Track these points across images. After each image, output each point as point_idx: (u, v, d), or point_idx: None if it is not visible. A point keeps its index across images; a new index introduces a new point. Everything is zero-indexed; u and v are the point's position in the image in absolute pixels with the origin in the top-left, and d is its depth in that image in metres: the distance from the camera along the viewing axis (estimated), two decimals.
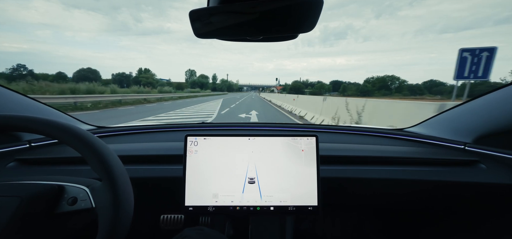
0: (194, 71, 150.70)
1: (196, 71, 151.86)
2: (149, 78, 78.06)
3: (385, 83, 76.21)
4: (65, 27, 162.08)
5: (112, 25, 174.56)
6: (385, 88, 74.48)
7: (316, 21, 0.46)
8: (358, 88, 76.22)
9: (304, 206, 0.72)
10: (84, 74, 70.80)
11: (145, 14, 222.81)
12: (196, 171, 0.72)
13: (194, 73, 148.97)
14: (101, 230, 0.42)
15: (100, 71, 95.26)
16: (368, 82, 78.64)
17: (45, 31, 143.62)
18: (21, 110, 0.92)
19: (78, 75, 69.72)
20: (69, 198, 0.48)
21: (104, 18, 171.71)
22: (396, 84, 77.28)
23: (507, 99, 0.85)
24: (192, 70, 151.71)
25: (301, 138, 0.74)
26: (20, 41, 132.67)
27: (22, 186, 0.48)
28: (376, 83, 76.48)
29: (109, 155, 0.46)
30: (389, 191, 0.89)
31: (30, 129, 0.45)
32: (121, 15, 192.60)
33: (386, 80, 77.99)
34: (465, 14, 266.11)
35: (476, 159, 0.87)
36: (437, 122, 1.12)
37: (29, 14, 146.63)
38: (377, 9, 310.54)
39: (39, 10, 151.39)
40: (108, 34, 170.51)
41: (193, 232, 0.64)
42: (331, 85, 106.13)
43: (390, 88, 75.68)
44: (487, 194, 0.85)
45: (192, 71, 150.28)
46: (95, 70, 79.31)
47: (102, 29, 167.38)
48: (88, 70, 76.51)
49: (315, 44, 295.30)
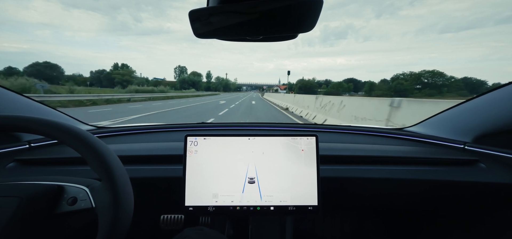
0: (184, 67, 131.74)
1: (187, 68, 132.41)
2: (126, 75, 67.83)
3: (421, 80, 58.25)
4: (64, 27, 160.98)
5: (112, 25, 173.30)
6: (429, 87, 55.41)
7: (316, 21, 0.46)
8: (390, 87, 58.13)
9: (304, 206, 0.72)
10: (40, 69, 59.94)
11: (144, 14, 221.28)
12: (196, 171, 0.72)
13: (185, 70, 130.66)
14: (101, 230, 0.42)
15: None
16: (405, 80, 58.60)
17: (44, 31, 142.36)
18: (20, 110, 0.91)
19: (32, 70, 58.72)
20: (69, 198, 0.48)
21: (104, 18, 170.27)
22: (440, 81, 56.86)
23: (506, 99, 0.85)
24: (182, 66, 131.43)
25: (301, 138, 0.74)
26: (19, 41, 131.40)
27: (21, 186, 0.47)
28: (413, 81, 57.12)
29: (108, 155, 0.46)
30: (389, 190, 0.89)
31: (30, 130, 0.45)
32: (120, 15, 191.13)
33: (424, 75, 58.54)
34: (466, 13, 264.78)
35: (475, 158, 0.87)
36: (437, 121, 1.12)
37: (28, 14, 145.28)
38: (378, 8, 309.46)
39: (38, 10, 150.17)
40: (108, 34, 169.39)
41: (193, 232, 0.65)
42: (352, 84, 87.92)
43: (437, 86, 55.13)
44: (487, 193, 0.85)
45: (182, 68, 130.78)
46: (56, 65, 66.99)
47: (102, 29, 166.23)
48: (45, 64, 63.98)
49: (315, 44, 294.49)
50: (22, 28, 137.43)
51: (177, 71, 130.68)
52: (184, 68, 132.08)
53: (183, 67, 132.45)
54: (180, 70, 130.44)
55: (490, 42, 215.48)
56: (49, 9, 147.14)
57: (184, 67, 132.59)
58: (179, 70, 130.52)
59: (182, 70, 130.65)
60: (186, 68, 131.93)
